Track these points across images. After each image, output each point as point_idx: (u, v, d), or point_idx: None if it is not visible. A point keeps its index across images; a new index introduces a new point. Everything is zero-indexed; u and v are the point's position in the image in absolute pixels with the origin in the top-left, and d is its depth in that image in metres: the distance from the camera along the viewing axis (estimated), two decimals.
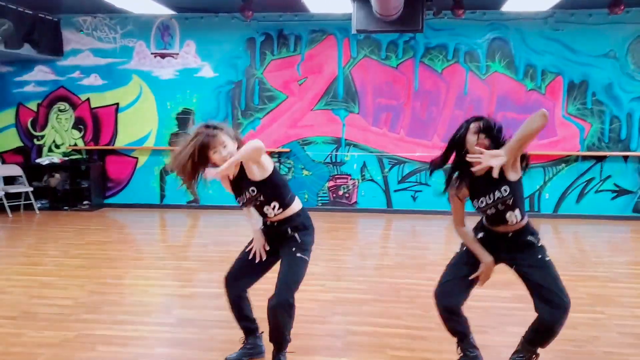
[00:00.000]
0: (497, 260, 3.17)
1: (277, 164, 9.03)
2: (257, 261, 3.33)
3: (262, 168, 3.11)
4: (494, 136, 2.96)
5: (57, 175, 9.06)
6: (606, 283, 5.20)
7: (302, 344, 3.66)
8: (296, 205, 3.28)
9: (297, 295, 4.65)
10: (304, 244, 3.23)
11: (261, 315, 3.32)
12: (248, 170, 3.09)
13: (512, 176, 2.98)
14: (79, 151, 9.35)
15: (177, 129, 9.12)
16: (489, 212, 3.02)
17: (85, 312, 4.23)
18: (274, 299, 3.13)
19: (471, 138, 2.96)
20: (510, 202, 2.97)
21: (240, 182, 3.15)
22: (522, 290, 4.51)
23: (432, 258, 6.22)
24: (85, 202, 9.02)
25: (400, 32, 8.01)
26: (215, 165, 3.02)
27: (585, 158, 8.54)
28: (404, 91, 8.68)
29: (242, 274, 3.37)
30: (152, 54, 9.03)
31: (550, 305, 3.00)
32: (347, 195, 8.93)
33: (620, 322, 4.13)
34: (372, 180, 8.87)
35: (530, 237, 3.09)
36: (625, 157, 8.45)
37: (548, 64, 8.43)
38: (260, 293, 3.40)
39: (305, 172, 9.02)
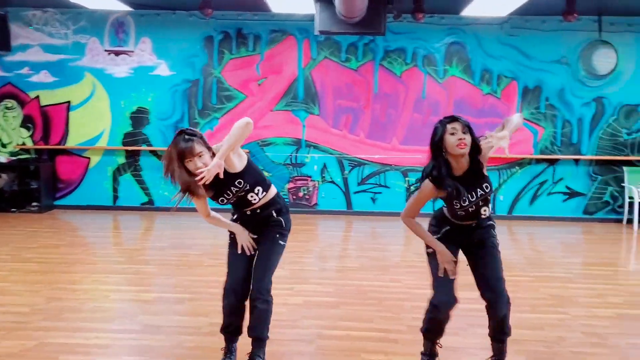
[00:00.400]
0: (459, 248, 3.21)
1: None
2: (248, 254, 3.24)
3: (241, 156, 3.13)
4: (472, 134, 2.98)
5: (4, 176, 8.65)
6: (565, 284, 5.33)
7: (273, 350, 3.58)
8: (273, 187, 3.32)
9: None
10: (286, 229, 3.29)
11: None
12: (229, 165, 3.05)
13: (486, 171, 3.06)
14: (27, 150, 8.96)
15: (132, 129, 8.85)
16: (470, 209, 3.02)
17: (44, 319, 4.03)
18: (255, 288, 3.13)
19: (450, 139, 2.95)
20: (489, 197, 3.08)
21: (221, 181, 3.05)
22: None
23: (395, 260, 6.25)
24: (34, 204, 8.63)
25: (362, 34, 8.02)
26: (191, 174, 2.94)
27: (538, 161, 8.76)
28: (364, 94, 8.70)
29: (243, 278, 3.24)
30: (105, 50, 8.74)
31: (498, 293, 3.15)
32: (307, 197, 8.88)
33: (583, 322, 4.23)
34: (332, 182, 8.85)
35: (490, 222, 3.22)
36: (577, 160, 8.71)
37: (503, 68, 8.61)
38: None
39: (265, 173, 8.87)
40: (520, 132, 8.64)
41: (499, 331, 3.24)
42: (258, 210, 3.22)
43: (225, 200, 3.16)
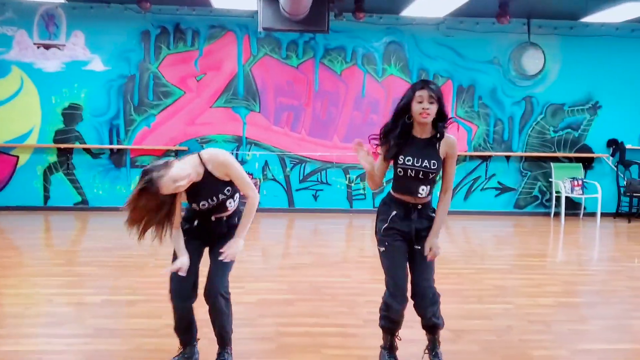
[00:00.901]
0: (409, 233, 3.17)
1: None
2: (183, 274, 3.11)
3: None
4: (440, 105, 3.01)
5: None
6: (505, 275, 5.58)
7: (234, 350, 3.55)
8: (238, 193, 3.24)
9: None
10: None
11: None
12: (222, 175, 3.01)
13: (443, 154, 3.10)
14: None
15: (64, 126, 8.49)
16: (409, 172, 3.04)
17: None
18: (214, 291, 3.12)
19: (415, 106, 2.98)
20: (431, 176, 3.07)
21: (209, 186, 3.00)
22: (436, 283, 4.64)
23: (342, 256, 6.33)
24: None
25: (306, 32, 8.04)
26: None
27: (472, 158, 9.09)
28: (305, 91, 8.73)
29: (189, 281, 3.17)
30: (34, 44, 8.33)
31: (422, 296, 3.23)
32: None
33: (528, 310, 4.44)
34: (274, 179, 8.83)
35: (432, 213, 3.21)
36: (508, 157, 9.11)
37: (439, 68, 8.87)
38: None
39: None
40: (455, 130, 8.95)
41: (431, 325, 3.31)
42: (224, 219, 3.15)
43: (207, 205, 3.05)
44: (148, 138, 8.69)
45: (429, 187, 3.11)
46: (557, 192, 8.86)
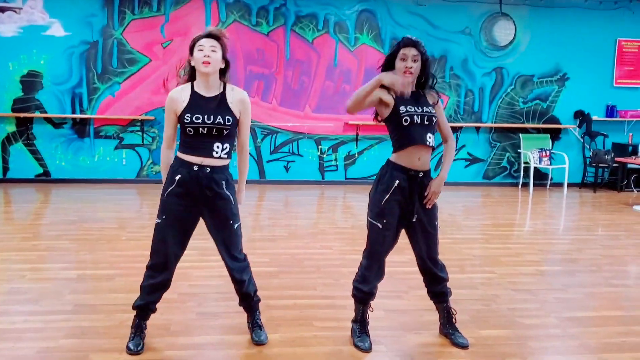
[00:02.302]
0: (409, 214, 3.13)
1: (140, 133, 8.43)
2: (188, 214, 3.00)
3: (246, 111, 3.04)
4: (426, 63, 3.03)
5: None
6: (483, 244, 5.62)
7: (224, 323, 3.47)
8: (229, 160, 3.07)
9: (203, 273, 4.44)
10: (236, 207, 3.10)
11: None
12: (233, 99, 2.95)
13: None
14: None
15: (22, 94, 8.09)
16: (416, 119, 2.98)
17: None
18: (238, 263, 3.12)
19: (398, 63, 2.97)
20: (434, 122, 3.07)
21: (214, 105, 2.90)
22: (413, 255, 4.66)
23: (320, 227, 6.26)
24: None
25: None
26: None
27: None
28: (276, 60, 8.53)
29: (176, 254, 3.06)
30: None
31: (436, 256, 3.30)
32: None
33: (511, 279, 4.47)
34: None
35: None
36: (478, 128, 9.15)
37: None
38: None
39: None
40: None
41: (440, 293, 3.32)
42: (208, 170, 2.90)
43: (199, 122, 2.84)
44: (112, 107, 8.37)
45: (434, 135, 3.11)
46: (525, 162, 8.98)
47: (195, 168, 2.91)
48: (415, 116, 2.99)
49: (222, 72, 3.01)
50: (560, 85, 9.17)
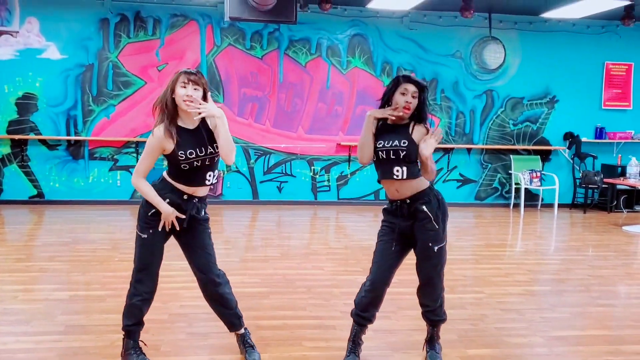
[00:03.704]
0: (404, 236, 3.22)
1: (135, 155, 8.49)
2: (168, 230, 3.05)
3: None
4: (422, 100, 3.10)
5: None
6: (474, 265, 5.67)
7: (214, 344, 3.50)
8: None
9: (193, 294, 4.45)
10: (208, 225, 3.18)
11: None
12: (212, 123, 2.95)
13: (417, 139, 3.11)
14: None
15: (17, 116, 8.16)
16: (381, 154, 3.05)
17: None
18: (210, 276, 3.16)
19: (399, 98, 3.03)
20: (402, 155, 3.05)
21: (201, 135, 2.92)
22: (405, 275, 4.72)
23: (312, 248, 6.30)
24: None
25: (274, 22, 7.93)
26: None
27: (435, 150, 9.15)
28: (269, 82, 8.64)
29: (159, 265, 3.14)
30: None
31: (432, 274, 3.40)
32: (211, 187, 8.66)
33: (499, 299, 4.52)
34: (238, 171, 8.72)
35: (423, 207, 3.10)
36: (469, 150, 9.26)
37: (403, 61, 8.93)
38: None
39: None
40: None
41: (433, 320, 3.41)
42: (196, 200, 3.01)
43: (193, 157, 2.88)
44: (107, 129, 8.44)
45: (404, 167, 3.05)
46: (516, 183, 9.07)
47: (185, 197, 3.00)
48: (381, 152, 3.06)
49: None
50: (550, 108, 9.31)
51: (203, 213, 3.09)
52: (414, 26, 8.88)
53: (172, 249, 5.57)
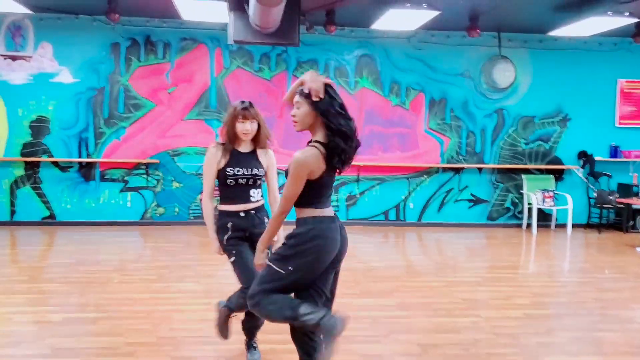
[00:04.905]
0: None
1: (145, 176, 8.59)
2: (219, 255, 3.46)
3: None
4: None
5: None
6: (475, 287, 5.57)
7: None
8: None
9: (184, 317, 4.46)
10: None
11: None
12: (261, 154, 3.47)
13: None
14: None
15: (31, 139, 8.33)
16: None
17: None
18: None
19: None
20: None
21: (253, 159, 3.42)
22: (403, 297, 4.67)
23: None
24: None
25: (277, 45, 8.00)
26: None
27: (445, 170, 9.12)
28: (278, 103, 8.69)
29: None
30: (0, 55, 8.18)
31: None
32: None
33: (495, 323, 4.42)
34: None
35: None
36: (480, 169, 9.16)
37: (411, 81, 8.91)
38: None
39: (175, 184, 8.68)
40: (427, 142, 9.01)
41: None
42: (253, 212, 3.40)
43: (240, 174, 3.32)
44: (118, 151, 8.56)
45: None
46: (528, 203, 8.92)
47: (242, 214, 3.37)
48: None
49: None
50: (563, 126, 9.17)
51: (265, 220, 3.42)
52: (422, 46, 8.87)
53: (173, 270, 5.62)
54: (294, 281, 2.78)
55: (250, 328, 3.57)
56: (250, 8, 5.91)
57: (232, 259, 3.34)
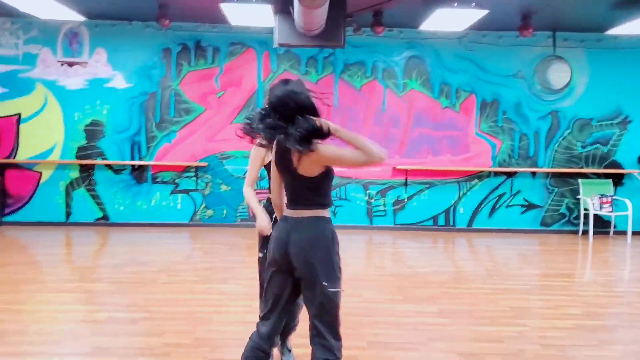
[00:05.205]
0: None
1: (195, 179, 8.73)
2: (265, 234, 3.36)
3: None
4: None
5: None
6: (524, 295, 5.36)
7: None
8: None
9: (224, 319, 4.47)
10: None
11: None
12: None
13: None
14: None
15: (86, 142, 8.60)
16: None
17: None
18: None
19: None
20: None
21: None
22: (446, 304, 4.53)
23: (355, 273, 6.16)
24: None
25: (321, 47, 7.99)
26: None
27: (496, 174, 8.86)
28: (324, 107, 8.63)
29: None
30: (58, 61, 8.49)
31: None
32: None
33: (542, 334, 4.23)
34: None
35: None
36: (534, 173, 8.85)
37: (462, 82, 8.71)
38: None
39: (223, 187, 8.77)
40: (478, 145, 8.77)
41: None
42: None
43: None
44: (169, 154, 8.73)
45: None
46: (585, 209, 8.55)
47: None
48: None
49: None
50: (622, 129, 8.75)
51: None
52: (473, 46, 8.65)
53: (217, 271, 5.66)
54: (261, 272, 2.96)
55: (284, 331, 3.52)
56: (295, 11, 5.91)
57: (260, 255, 3.37)
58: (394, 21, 8.08)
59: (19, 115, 8.52)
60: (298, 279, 2.71)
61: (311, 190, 2.68)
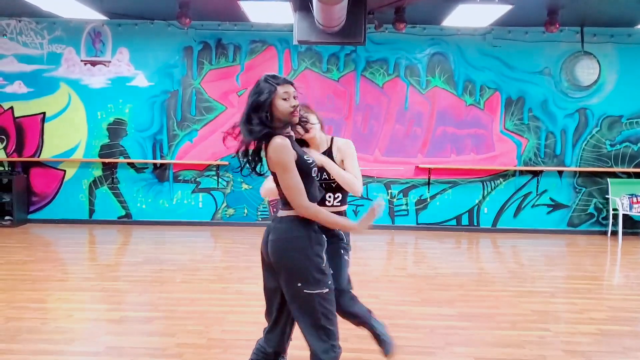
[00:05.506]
0: None
1: (216, 178, 8.72)
2: None
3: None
4: None
5: None
6: (548, 299, 5.20)
7: None
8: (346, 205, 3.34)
9: (238, 319, 4.42)
10: (348, 245, 3.30)
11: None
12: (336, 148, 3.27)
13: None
14: (0, 163, 8.74)
15: (109, 140, 8.66)
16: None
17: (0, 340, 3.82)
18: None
19: (284, 105, 2.65)
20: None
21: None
22: (466, 307, 4.41)
23: (375, 274, 6.08)
24: (7, 218, 8.40)
25: (342, 44, 7.88)
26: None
27: (522, 173, 8.66)
28: (345, 105, 8.58)
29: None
30: (82, 61, 8.57)
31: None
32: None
33: (565, 339, 4.09)
34: None
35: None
36: (560, 172, 8.63)
37: (486, 79, 8.53)
38: None
39: (244, 186, 8.75)
40: (503, 143, 8.59)
41: None
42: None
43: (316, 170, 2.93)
44: (190, 153, 8.74)
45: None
46: (614, 209, 8.30)
47: None
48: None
49: None
50: None
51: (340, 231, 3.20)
52: (498, 43, 8.47)
53: (235, 271, 5.62)
54: None
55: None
56: (314, 7, 5.83)
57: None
58: (417, 17, 7.95)
59: (44, 114, 8.62)
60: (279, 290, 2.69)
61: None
